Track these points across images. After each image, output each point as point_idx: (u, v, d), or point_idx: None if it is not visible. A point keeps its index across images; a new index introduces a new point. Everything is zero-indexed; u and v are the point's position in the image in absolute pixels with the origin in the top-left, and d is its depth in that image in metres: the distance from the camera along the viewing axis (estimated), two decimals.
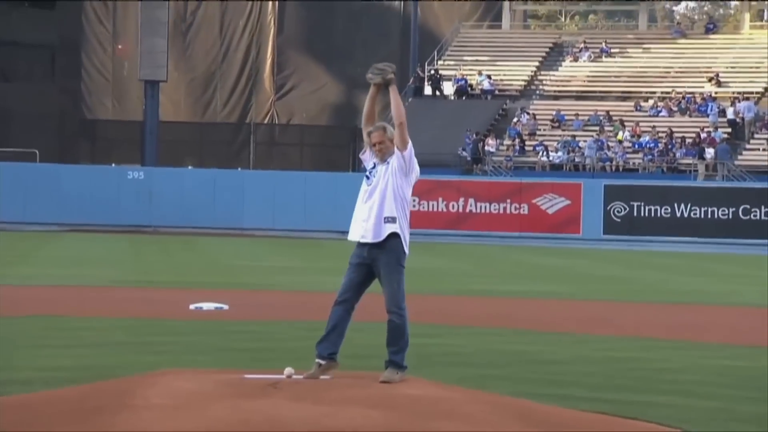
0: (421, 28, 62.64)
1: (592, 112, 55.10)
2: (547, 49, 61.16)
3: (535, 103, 57.37)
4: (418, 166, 10.00)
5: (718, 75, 56.15)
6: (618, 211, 47.11)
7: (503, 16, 64.14)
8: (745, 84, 55.85)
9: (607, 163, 51.76)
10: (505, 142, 54.03)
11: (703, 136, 51.71)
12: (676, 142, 51.75)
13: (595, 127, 53.87)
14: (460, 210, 47.77)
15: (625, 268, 31.72)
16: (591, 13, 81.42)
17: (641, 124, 53.53)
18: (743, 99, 53.93)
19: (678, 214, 46.93)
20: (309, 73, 65.56)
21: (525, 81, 59.02)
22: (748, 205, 46.48)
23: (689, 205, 46.84)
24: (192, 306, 17.55)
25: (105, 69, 64.58)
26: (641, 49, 60.23)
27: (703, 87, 56.04)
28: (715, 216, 46.71)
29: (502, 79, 58.67)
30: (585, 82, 58.59)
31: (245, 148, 65.18)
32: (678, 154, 51.38)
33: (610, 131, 53.47)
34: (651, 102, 55.87)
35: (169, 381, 9.52)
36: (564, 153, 52.28)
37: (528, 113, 55.61)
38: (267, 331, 15.13)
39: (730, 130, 52.39)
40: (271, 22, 65.57)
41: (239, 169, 57.33)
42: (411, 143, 9.94)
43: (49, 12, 63.12)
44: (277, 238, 42.88)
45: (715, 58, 58.17)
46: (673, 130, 52.47)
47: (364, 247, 9.92)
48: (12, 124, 60.17)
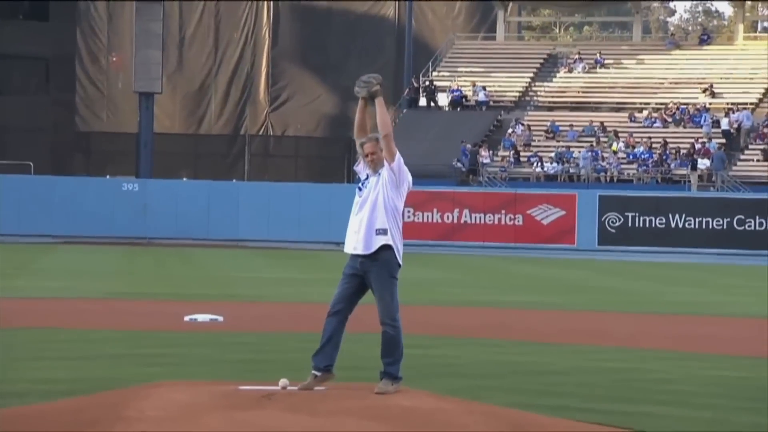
0: (416, 40, 62.70)
1: (586, 123, 55.16)
2: (542, 61, 61.25)
3: (530, 114, 57.44)
4: (410, 176, 9.99)
5: (712, 86, 56.24)
6: (613, 222, 47.14)
7: (497, 27, 64.24)
8: (739, 95, 55.94)
9: (602, 173, 51.81)
10: (500, 153, 54.07)
11: (697, 146, 51.76)
12: (670, 152, 51.80)
13: (590, 138, 53.91)
14: (455, 221, 47.78)
15: (620, 279, 31.73)
16: (585, 25, 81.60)
17: (635, 134, 53.59)
18: (738, 110, 54.03)
19: (673, 225, 46.96)
20: (303, 85, 65.62)
21: (519, 92, 59.09)
22: (742, 216, 46.52)
23: (684, 215, 46.87)
24: (187, 318, 17.53)
25: (99, 81, 64.61)
26: (635, 60, 60.33)
27: (697, 98, 56.12)
28: (710, 227, 46.74)
29: (496, 90, 58.73)
30: (579, 93, 58.67)
31: (240, 159, 65.20)
32: (672, 165, 51.43)
33: (605, 142, 53.53)
34: (645, 113, 55.95)
35: (163, 393, 9.51)
36: (558, 164, 52.32)
37: (522, 124, 55.66)
38: (262, 342, 15.11)
39: (724, 141, 52.46)
40: (266, 34, 65.64)
41: (234, 180, 57.33)
42: (399, 154, 9.93)
43: (43, 25, 63.16)
44: (272, 250, 42.84)
45: (709, 69, 58.27)
46: (668, 140, 52.53)
47: (356, 259, 9.91)
48: (6, 136, 60.17)
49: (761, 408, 10.64)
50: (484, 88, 57.85)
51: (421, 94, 58.52)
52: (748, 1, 65.80)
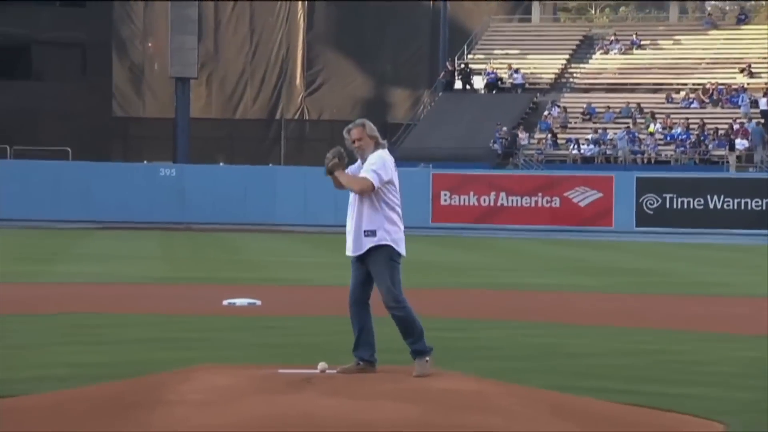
0: (451, 23, 62.56)
1: (623, 105, 54.90)
2: (578, 42, 60.98)
3: (566, 96, 57.21)
4: (391, 171, 9.74)
5: (750, 66, 55.84)
6: (650, 204, 46.92)
7: (533, 9, 64.00)
8: None
9: (639, 155, 51.57)
10: (536, 136, 53.92)
11: (735, 127, 51.44)
12: (708, 133, 51.49)
13: (627, 120, 53.67)
14: (492, 204, 47.68)
15: (658, 261, 31.59)
16: (621, 6, 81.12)
17: (673, 115, 53.30)
18: None
19: (711, 206, 46.69)
20: (339, 69, 65.60)
21: (555, 74, 58.87)
22: None
23: (722, 196, 46.58)
24: (225, 302, 17.58)
25: (136, 67, 64.81)
26: (672, 41, 59.96)
27: (734, 78, 55.74)
28: (749, 207, 46.44)
29: (532, 73, 58.52)
30: (616, 74, 58.38)
31: (276, 144, 65.30)
32: (710, 146, 51.13)
33: (642, 123, 53.27)
34: (682, 94, 55.62)
35: (202, 376, 9.54)
36: (595, 146, 52.12)
37: (559, 106, 55.46)
38: (300, 326, 15.15)
39: (762, 121, 52.08)
40: (301, 18, 65.63)
41: (270, 165, 57.42)
42: (375, 177, 9.57)
43: (79, 10, 63.38)
44: (309, 234, 42.90)
45: (747, 49, 57.83)
46: (705, 121, 52.22)
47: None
48: (44, 122, 60.47)
49: None
50: (516, 71, 57.61)
51: (456, 77, 58.40)
52: None
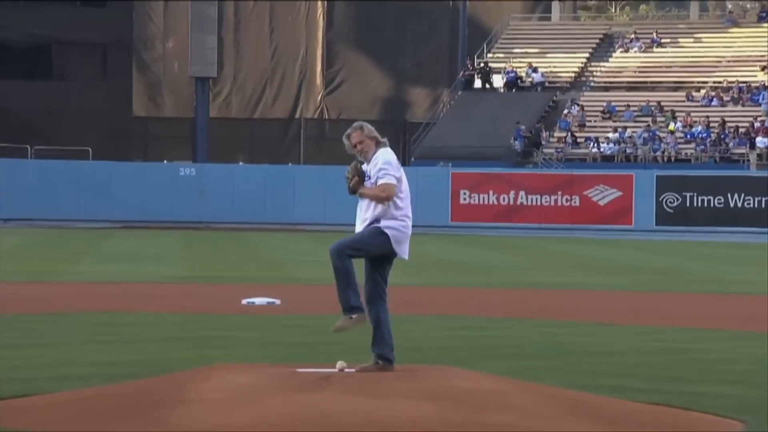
0: (471, 21, 62.49)
1: (643, 103, 54.77)
2: (598, 40, 60.85)
3: (586, 95, 57.11)
4: (396, 167, 9.81)
5: None
6: (670, 202, 46.80)
7: (553, 7, 63.88)
8: None
9: (659, 153, 51.44)
10: (556, 134, 53.84)
11: (756, 125, 51.26)
12: (729, 131, 51.33)
13: (647, 118, 53.54)
14: (511, 203, 47.62)
15: (678, 259, 31.51)
16: (642, 4, 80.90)
17: (693, 114, 53.14)
18: None
19: (731, 204, 46.53)
20: (358, 68, 65.60)
21: (575, 72, 58.76)
22: None
23: (743, 195, 46.41)
24: (244, 301, 17.61)
25: (156, 66, 64.95)
26: (692, 39, 59.77)
27: (755, 76, 55.55)
28: None
29: (552, 71, 58.43)
30: (636, 72, 58.24)
31: (296, 143, 65.34)
32: (731, 144, 50.97)
33: (662, 122, 53.13)
34: (703, 92, 55.45)
35: (222, 375, 9.56)
36: (615, 144, 52.01)
37: (578, 105, 55.37)
38: (319, 324, 15.14)
39: None
40: (321, 17, 65.66)
41: (290, 164, 57.46)
42: (392, 179, 9.70)
43: (100, 10, 63.55)
44: (329, 233, 42.91)
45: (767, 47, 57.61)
46: (726, 119, 52.05)
47: None
48: (65, 122, 60.64)
49: None
50: (535, 70, 57.49)
51: (476, 76, 58.34)
52: None
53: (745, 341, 14.16)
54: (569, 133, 53.16)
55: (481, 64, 58.59)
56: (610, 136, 52.51)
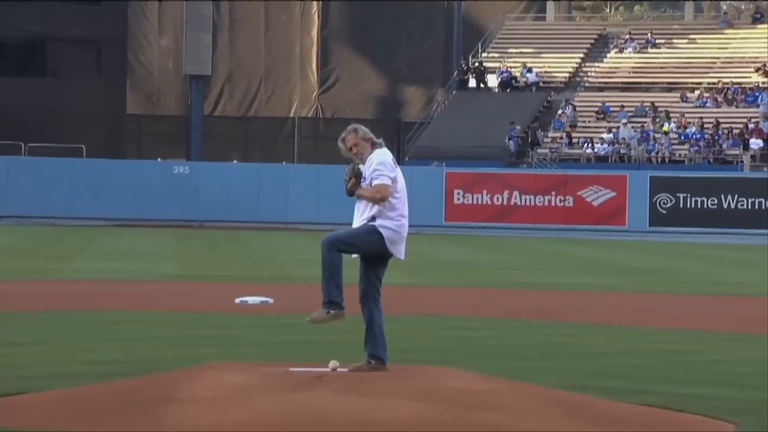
0: (465, 21, 62.49)
1: (637, 104, 54.80)
2: (592, 41, 60.88)
3: (580, 95, 57.14)
4: (391, 168, 9.83)
5: (765, 65, 55.68)
6: (664, 203, 46.84)
7: (547, 7, 63.90)
8: None
9: (653, 154, 51.47)
10: (550, 134, 53.86)
11: (750, 126, 51.30)
12: (722, 132, 51.37)
13: (641, 119, 53.57)
14: (505, 203, 47.63)
15: (672, 260, 31.54)
16: (636, 4, 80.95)
17: (687, 115, 53.18)
18: None
19: (725, 206, 46.58)
20: (353, 67, 65.57)
21: (569, 73, 58.79)
22: None
23: (736, 196, 46.47)
24: (237, 300, 17.60)
25: (150, 64, 64.88)
26: (687, 40, 59.82)
27: (750, 77, 55.60)
28: (763, 207, 46.31)
29: (546, 71, 58.45)
30: (630, 73, 58.28)
31: (289, 142, 65.31)
32: (725, 145, 51.00)
33: (657, 122, 53.14)
34: (697, 93, 55.49)
35: (214, 374, 9.56)
36: (609, 145, 52.03)
37: (572, 105, 55.39)
38: (311, 324, 15.12)
39: None
40: (315, 16, 65.63)
41: (284, 163, 57.44)
42: (387, 180, 9.75)
43: (94, 8, 63.47)
44: (322, 232, 42.88)
45: (762, 48, 57.65)
46: (720, 120, 52.10)
47: None
48: (59, 119, 60.57)
49: None
50: (530, 70, 57.50)
51: (470, 76, 58.35)
52: None
53: (739, 343, 14.17)
54: (565, 134, 53.16)
55: (476, 64, 58.59)
56: (605, 136, 52.53)
